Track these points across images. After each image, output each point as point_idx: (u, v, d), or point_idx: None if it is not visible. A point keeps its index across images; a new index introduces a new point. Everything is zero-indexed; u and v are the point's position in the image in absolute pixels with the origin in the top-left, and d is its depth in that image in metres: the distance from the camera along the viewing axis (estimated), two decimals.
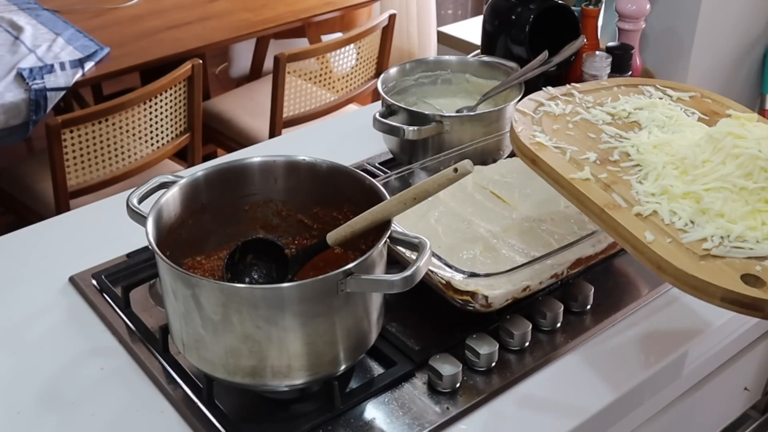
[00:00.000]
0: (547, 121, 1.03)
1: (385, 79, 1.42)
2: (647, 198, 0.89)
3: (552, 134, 1.00)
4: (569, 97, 1.09)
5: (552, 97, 1.08)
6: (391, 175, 1.19)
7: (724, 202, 0.86)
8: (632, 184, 0.92)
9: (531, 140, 0.97)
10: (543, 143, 0.97)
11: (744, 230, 0.83)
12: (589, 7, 1.53)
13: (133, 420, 0.94)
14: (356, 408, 0.94)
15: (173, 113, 2.35)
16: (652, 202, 0.88)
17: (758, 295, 0.76)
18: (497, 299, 1.00)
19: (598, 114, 1.05)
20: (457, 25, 2.55)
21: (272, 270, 0.97)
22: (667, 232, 0.84)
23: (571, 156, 0.96)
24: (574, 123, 1.03)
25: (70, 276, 1.15)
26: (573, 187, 0.91)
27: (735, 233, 0.83)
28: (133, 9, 2.76)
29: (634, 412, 1.03)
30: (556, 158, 0.95)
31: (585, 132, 1.01)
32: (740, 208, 0.85)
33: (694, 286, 0.78)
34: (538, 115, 1.04)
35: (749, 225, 0.84)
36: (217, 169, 1.02)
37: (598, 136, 1.01)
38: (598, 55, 1.47)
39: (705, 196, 0.87)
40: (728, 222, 0.84)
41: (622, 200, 0.89)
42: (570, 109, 1.06)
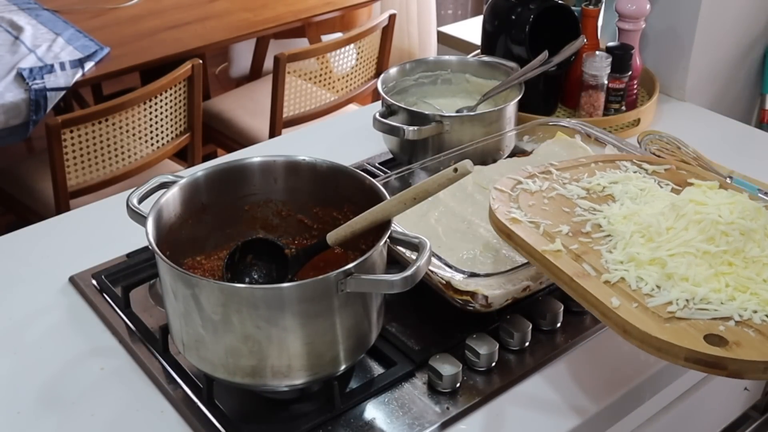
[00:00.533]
0: (524, 197, 1.05)
1: (385, 79, 1.42)
2: (615, 266, 0.91)
3: (527, 210, 1.02)
4: (547, 174, 1.10)
5: (530, 176, 1.10)
6: (391, 175, 1.19)
7: (688, 266, 0.88)
8: (602, 254, 0.93)
9: (506, 216, 1.00)
10: (518, 218, 1.00)
11: (708, 292, 0.85)
12: (589, 7, 1.53)
13: (133, 420, 0.94)
14: (356, 408, 0.94)
15: (173, 113, 2.35)
16: (620, 269, 0.90)
17: (720, 353, 0.77)
18: (497, 299, 1.00)
19: (573, 189, 1.07)
20: (457, 25, 2.55)
21: (272, 270, 0.97)
22: (633, 297, 0.86)
23: (545, 229, 0.98)
24: (550, 198, 1.05)
25: (70, 276, 1.15)
26: (545, 258, 0.93)
27: (699, 295, 0.85)
28: (133, 9, 2.76)
29: (634, 412, 1.03)
30: (529, 232, 0.97)
31: (560, 206, 1.03)
32: (704, 271, 0.87)
33: (659, 347, 0.80)
34: (515, 193, 1.06)
35: (713, 287, 0.86)
36: (217, 169, 1.02)
37: (572, 210, 1.03)
38: (598, 55, 1.47)
39: (669, 261, 0.89)
40: (693, 285, 0.86)
41: (592, 269, 0.91)
42: (546, 186, 1.08)
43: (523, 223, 0.99)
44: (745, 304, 0.84)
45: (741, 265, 0.88)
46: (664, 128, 1.46)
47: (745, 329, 0.81)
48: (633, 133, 1.51)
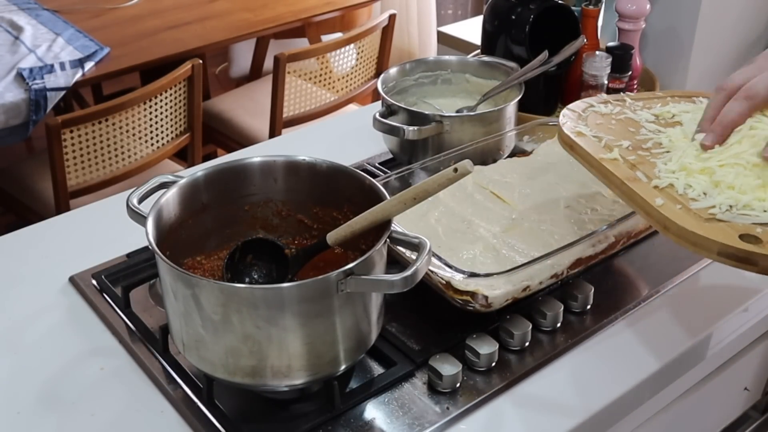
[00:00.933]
0: (593, 117, 1.09)
1: (385, 79, 1.42)
2: (667, 174, 0.94)
3: (594, 127, 1.06)
4: (620, 101, 1.14)
5: (604, 101, 1.14)
6: (391, 175, 1.19)
7: (736, 176, 0.90)
8: (657, 165, 0.97)
9: (572, 129, 1.05)
10: (583, 132, 1.05)
11: (752, 200, 0.87)
12: (589, 7, 1.53)
13: (133, 420, 0.94)
14: (356, 408, 0.94)
15: (173, 113, 2.35)
16: (671, 177, 0.93)
17: (752, 249, 0.81)
18: (497, 299, 1.00)
19: (643, 114, 1.10)
20: (457, 25, 2.55)
21: (272, 270, 0.97)
22: (678, 200, 0.90)
23: (606, 143, 1.02)
24: (618, 120, 1.09)
25: (70, 276, 1.15)
26: (601, 165, 0.98)
27: (742, 202, 0.87)
28: (133, 9, 2.77)
29: (634, 412, 1.03)
30: (591, 143, 1.02)
31: (626, 127, 1.07)
32: (751, 181, 0.89)
33: (694, 242, 0.84)
34: (586, 114, 1.10)
35: (758, 196, 0.88)
36: (217, 169, 1.02)
37: (638, 130, 1.06)
38: (598, 55, 1.47)
39: (718, 170, 0.91)
40: (739, 193, 0.88)
41: (644, 176, 0.95)
42: (618, 110, 1.11)
43: (587, 136, 1.04)
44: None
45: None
46: None
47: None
48: None
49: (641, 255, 1.18)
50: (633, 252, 1.18)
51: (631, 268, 1.17)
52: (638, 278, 1.15)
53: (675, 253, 1.17)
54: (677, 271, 1.15)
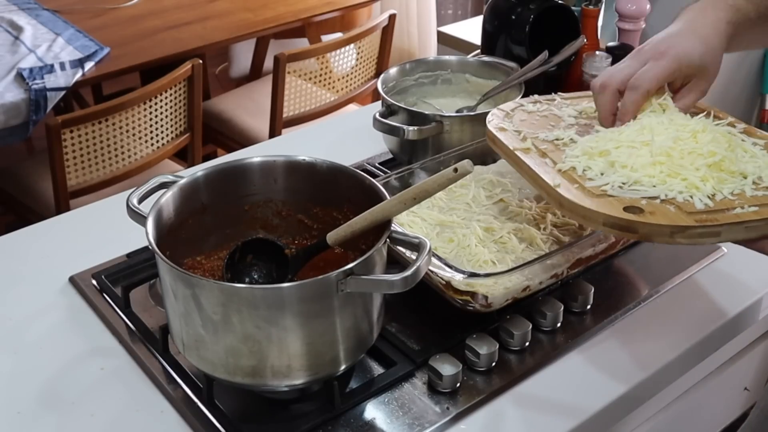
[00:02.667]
0: (519, 114, 1.15)
1: (385, 79, 1.42)
2: (571, 159, 1.00)
3: (518, 123, 1.11)
4: (550, 101, 1.18)
5: (534, 101, 1.18)
6: (391, 175, 1.19)
7: (629, 155, 0.96)
8: (566, 152, 1.02)
9: (496, 126, 1.11)
10: (505, 127, 1.10)
11: (642, 176, 0.93)
12: (589, 7, 1.53)
13: (133, 420, 0.94)
14: (356, 408, 0.94)
15: (173, 113, 2.35)
16: (573, 160, 0.99)
17: (632, 218, 0.87)
18: (497, 299, 1.00)
19: (566, 110, 1.14)
20: (457, 25, 2.55)
21: (272, 270, 0.97)
22: (576, 180, 0.95)
23: (524, 135, 1.07)
24: (542, 116, 1.13)
25: (70, 276, 1.15)
26: (514, 154, 1.03)
27: (633, 179, 0.93)
28: (133, 9, 2.76)
29: (634, 412, 1.03)
30: (510, 136, 1.08)
31: (547, 122, 1.12)
32: (643, 160, 0.94)
33: (583, 215, 0.90)
34: (513, 113, 1.15)
35: (648, 173, 0.93)
36: (217, 169, 1.02)
37: (558, 124, 1.10)
38: (598, 55, 1.47)
39: (614, 151, 0.97)
40: (631, 171, 0.94)
41: (551, 162, 1.01)
42: (544, 108, 1.16)
43: (509, 131, 1.09)
44: (673, 186, 0.91)
45: (677, 156, 0.94)
46: None
47: (667, 205, 0.89)
48: None
49: (641, 255, 1.18)
50: (633, 252, 1.19)
51: (631, 268, 1.17)
52: (638, 278, 1.15)
53: (675, 253, 1.17)
54: (677, 271, 1.15)
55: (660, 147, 0.95)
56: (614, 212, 0.88)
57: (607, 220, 0.88)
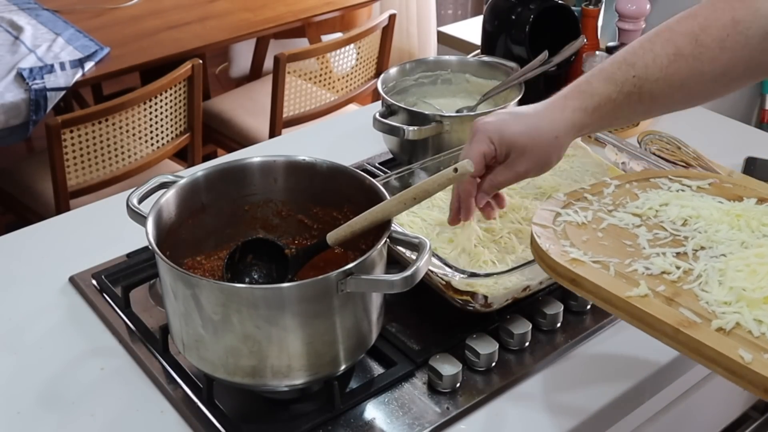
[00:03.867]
0: (573, 231, 0.91)
1: (385, 79, 1.42)
2: (721, 308, 0.77)
3: (583, 247, 0.88)
4: (584, 202, 0.97)
5: (566, 204, 0.96)
6: (391, 175, 1.19)
7: None
8: (697, 294, 0.80)
9: (564, 257, 0.86)
10: (578, 258, 0.86)
11: None
12: (589, 7, 1.54)
13: (133, 420, 0.94)
14: (356, 408, 0.94)
15: (173, 113, 2.35)
16: (729, 312, 0.76)
17: None
18: (497, 299, 1.00)
19: (624, 217, 0.94)
20: (457, 25, 2.55)
21: (272, 270, 0.97)
22: (760, 346, 0.73)
23: (616, 270, 0.84)
24: (603, 230, 0.92)
25: (70, 276, 1.15)
26: (631, 306, 0.79)
27: None
28: (133, 9, 2.76)
29: (634, 412, 1.03)
30: (599, 274, 0.83)
31: (619, 239, 0.90)
32: None
33: None
34: (560, 227, 0.92)
35: None
36: (217, 169, 1.02)
37: (635, 242, 0.89)
38: (598, 55, 1.47)
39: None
40: None
41: (694, 314, 0.77)
42: (591, 216, 0.94)
43: (587, 264, 0.85)
44: None
45: None
46: (663, 128, 1.46)
47: None
48: (633, 134, 1.50)
49: None
50: None
51: None
52: None
53: None
54: None
55: None
56: None
57: None
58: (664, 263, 0.84)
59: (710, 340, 0.74)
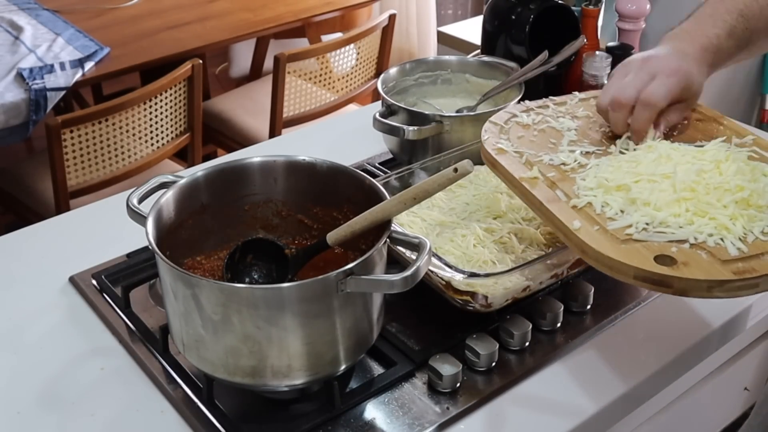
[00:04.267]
0: (515, 129, 1.08)
1: (385, 79, 1.42)
2: (585, 192, 0.94)
3: (516, 141, 1.05)
4: (543, 108, 1.13)
5: (527, 109, 1.12)
6: (391, 175, 1.19)
7: (651, 191, 0.90)
8: (576, 181, 0.96)
9: (493, 146, 1.04)
10: (504, 149, 1.03)
11: (667, 216, 0.87)
12: (589, 7, 1.53)
13: (133, 420, 0.94)
14: (356, 408, 0.94)
15: (173, 113, 2.35)
16: (589, 195, 0.93)
17: (666, 272, 0.80)
18: (497, 299, 1.00)
19: (565, 122, 1.09)
20: (457, 25, 2.55)
21: (272, 270, 0.97)
22: (596, 220, 0.89)
23: (527, 159, 1.01)
24: (540, 131, 1.08)
25: (70, 276, 1.15)
26: (522, 185, 0.97)
27: (658, 219, 0.87)
28: (133, 9, 2.77)
29: (634, 412, 1.03)
30: (512, 161, 1.01)
31: (548, 138, 1.06)
32: (666, 197, 0.89)
33: (611, 266, 0.83)
34: (508, 126, 1.08)
35: (673, 212, 0.88)
36: (217, 169, 1.02)
37: (559, 141, 1.05)
38: (598, 55, 1.47)
39: (634, 187, 0.91)
40: (654, 210, 0.88)
41: (564, 195, 0.94)
42: (540, 119, 1.10)
43: (509, 153, 1.02)
44: (702, 227, 0.85)
45: (702, 191, 0.89)
46: None
47: (698, 251, 0.83)
48: None
49: None
50: None
51: None
52: None
53: None
54: None
55: (683, 181, 0.90)
56: (646, 265, 0.81)
57: (639, 274, 0.81)
58: (567, 158, 1.00)
59: (559, 213, 0.91)
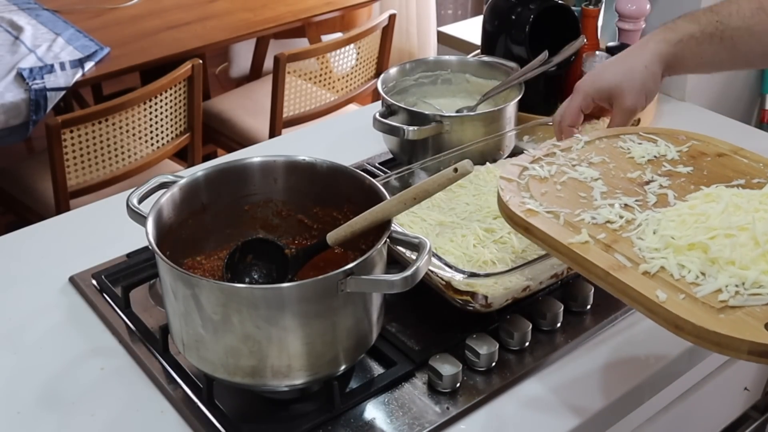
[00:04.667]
0: (534, 185, 0.99)
1: (385, 79, 1.42)
2: (651, 254, 0.84)
3: (541, 199, 0.96)
4: (552, 157, 1.04)
5: (535, 160, 1.03)
6: (391, 175, 1.19)
7: (732, 248, 0.80)
8: (633, 241, 0.87)
9: (521, 208, 0.94)
10: (533, 209, 0.93)
11: (759, 275, 0.78)
12: (589, 7, 1.53)
13: (133, 420, 0.94)
14: (356, 408, 0.94)
15: (173, 113, 2.35)
16: (657, 257, 0.83)
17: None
18: (497, 299, 1.00)
19: (584, 171, 1.01)
20: (457, 25, 2.55)
21: (272, 270, 0.97)
22: (678, 288, 0.79)
23: (565, 219, 0.92)
24: (562, 184, 0.99)
25: (70, 276, 1.15)
26: (572, 252, 0.86)
27: (750, 279, 0.78)
28: (133, 9, 2.77)
29: (634, 412, 1.03)
30: (549, 223, 0.91)
31: (575, 192, 0.97)
32: (750, 252, 0.80)
33: (718, 342, 0.74)
34: (524, 180, 0.99)
35: (763, 269, 0.79)
36: (217, 169, 1.02)
37: (589, 194, 0.96)
38: (598, 55, 1.47)
39: (711, 244, 0.82)
40: (740, 269, 0.79)
41: (626, 260, 0.84)
42: (555, 170, 1.01)
43: (540, 213, 0.92)
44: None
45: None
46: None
47: None
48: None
49: None
50: None
51: None
52: None
53: None
54: None
55: (765, 233, 0.81)
56: (758, 337, 0.72)
57: (754, 349, 0.72)
58: (609, 213, 0.92)
59: (633, 282, 0.81)
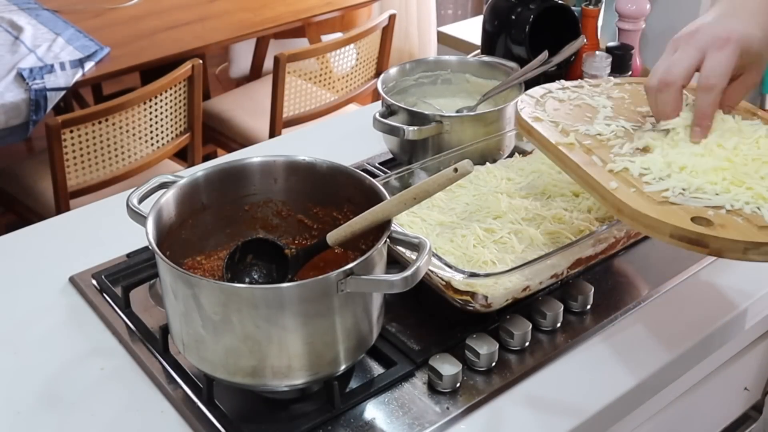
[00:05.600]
0: (551, 103, 1.12)
1: (385, 79, 1.41)
2: (622, 158, 0.96)
3: (552, 113, 1.09)
4: (579, 88, 1.17)
5: (562, 87, 1.17)
6: (391, 175, 1.19)
7: (690, 157, 0.92)
8: (613, 149, 0.99)
9: (530, 115, 1.08)
10: (540, 117, 1.08)
11: (704, 183, 0.89)
12: (589, 7, 1.53)
13: (133, 420, 0.94)
14: (356, 408, 0.94)
15: (173, 113, 2.35)
16: (625, 160, 0.96)
17: (704, 231, 0.82)
18: (497, 299, 1.00)
19: (600, 100, 1.12)
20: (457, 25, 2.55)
21: (272, 270, 0.97)
22: (632, 183, 0.91)
23: (563, 127, 1.05)
24: (575, 105, 1.11)
25: (70, 276, 1.15)
26: (558, 150, 1.00)
27: (695, 185, 0.89)
28: (132, 9, 2.77)
29: (634, 412, 1.03)
30: (548, 128, 1.06)
31: (583, 113, 1.09)
32: (704, 164, 0.91)
33: (647, 224, 0.85)
34: (544, 100, 1.13)
35: (710, 179, 0.89)
36: (217, 169, 1.02)
37: (594, 116, 1.08)
38: (598, 55, 1.47)
39: (671, 152, 0.94)
40: (691, 176, 0.90)
41: (600, 160, 0.97)
42: (575, 96, 1.14)
43: (544, 121, 1.07)
44: (739, 196, 0.87)
45: (741, 162, 0.91)
46: None
47: (734, 216, 0.85)
48: None
49: (641, 255, 1.18)
50: (633, 252, 1.18)
51: (631, 268, 1.17)
52: (638, 278, 1.15)
53: (675, 253, 1.17)
54: (677, 271, 1.15)
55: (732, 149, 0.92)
56: (683, 224, 0.83)
57: (675, 232, 0.83)
58: (603, 129, 1.03)
59: (596, 174, 0.94)
